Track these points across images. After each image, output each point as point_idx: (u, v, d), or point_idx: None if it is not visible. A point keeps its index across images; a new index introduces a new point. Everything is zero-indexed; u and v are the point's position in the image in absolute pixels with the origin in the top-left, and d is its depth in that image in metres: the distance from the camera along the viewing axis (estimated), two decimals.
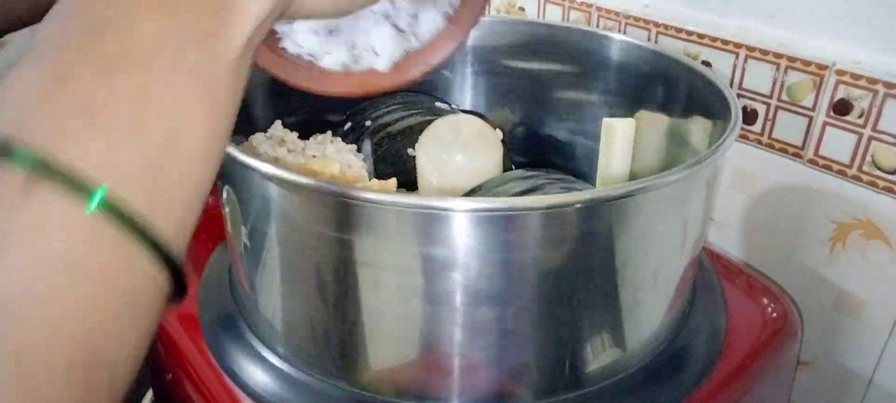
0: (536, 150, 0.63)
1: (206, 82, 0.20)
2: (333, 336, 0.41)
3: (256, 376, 0.44)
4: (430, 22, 0.35)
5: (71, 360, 0.17)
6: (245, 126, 0.51)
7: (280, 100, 0.55)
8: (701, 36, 0.59)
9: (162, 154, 0.19)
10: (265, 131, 0.53)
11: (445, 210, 0.33)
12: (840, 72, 0.51)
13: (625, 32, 0.65)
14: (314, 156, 0.51)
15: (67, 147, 0.17)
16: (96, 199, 0.17)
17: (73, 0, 0.20)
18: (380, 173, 0.55)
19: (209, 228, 0.55)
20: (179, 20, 0.20)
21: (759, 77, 0.56)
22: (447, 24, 0.36)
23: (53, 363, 0.17)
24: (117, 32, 0.19)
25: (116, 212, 0.18)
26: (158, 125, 0.19)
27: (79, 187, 0.17)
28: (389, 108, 0.59)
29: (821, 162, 0.54)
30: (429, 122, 0.52)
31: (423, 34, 0.35)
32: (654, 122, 0.53)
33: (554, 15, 0.73)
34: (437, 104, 0.62)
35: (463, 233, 0.34)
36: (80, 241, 0.17)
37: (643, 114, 0.54)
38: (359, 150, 0.55)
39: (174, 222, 0.19)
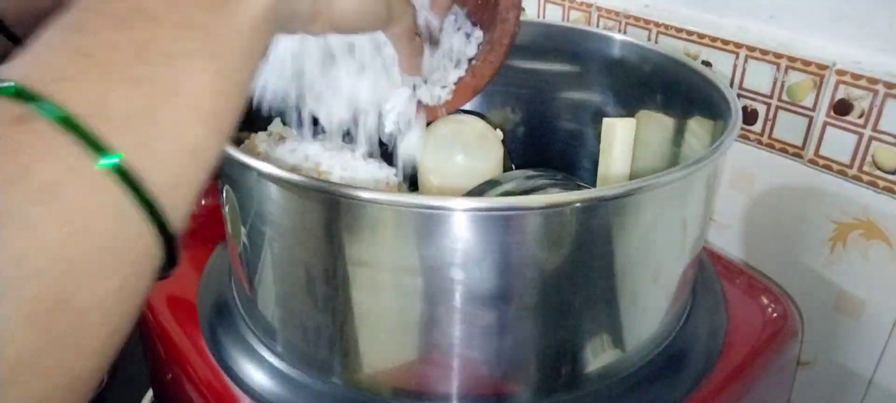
0: (537, 150, 0.63)
1: (215, 43, 0.21)
2: (333, 336, 0.41)
3: (256, 375, 0.44)
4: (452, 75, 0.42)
5: (35, 296, 0.16)
6: (244, 124, 0.51)
7: None
8: (701, 36, 0.59)
9: (158, 102, 0.19)
10: (266, 130, 0.53)
11: (445, 209, 0.33)
12: (840, 72, 0.51)
13: (625, 32, 0.65)
14: None
15: (61, 87, 0.18)
16: (79, 131, 0.17)
17: None
18: None
19: (209, 228, 0.55)
20: None
21: (760, 77, 0.56)
22: (468, 75, 0.38)
23: (19, 296, 0.16)
24: None
25: (109, 159, 0.18)
26: (158, 74, 0.19)
27: (66, 122, 0.17)
28: None
29: (821, 162, 0.54)
30: (429, 122, 0.52)
31: (447, 86, 0.41)
32: (654, 122, 0.53)
33: (554, 15, 0.73)
34: None
35: (462, 233, 0.34)
36: (62, 175, 0.17)
37: (643, 114, 0.54)
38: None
39: (167, 175, 0.19)
